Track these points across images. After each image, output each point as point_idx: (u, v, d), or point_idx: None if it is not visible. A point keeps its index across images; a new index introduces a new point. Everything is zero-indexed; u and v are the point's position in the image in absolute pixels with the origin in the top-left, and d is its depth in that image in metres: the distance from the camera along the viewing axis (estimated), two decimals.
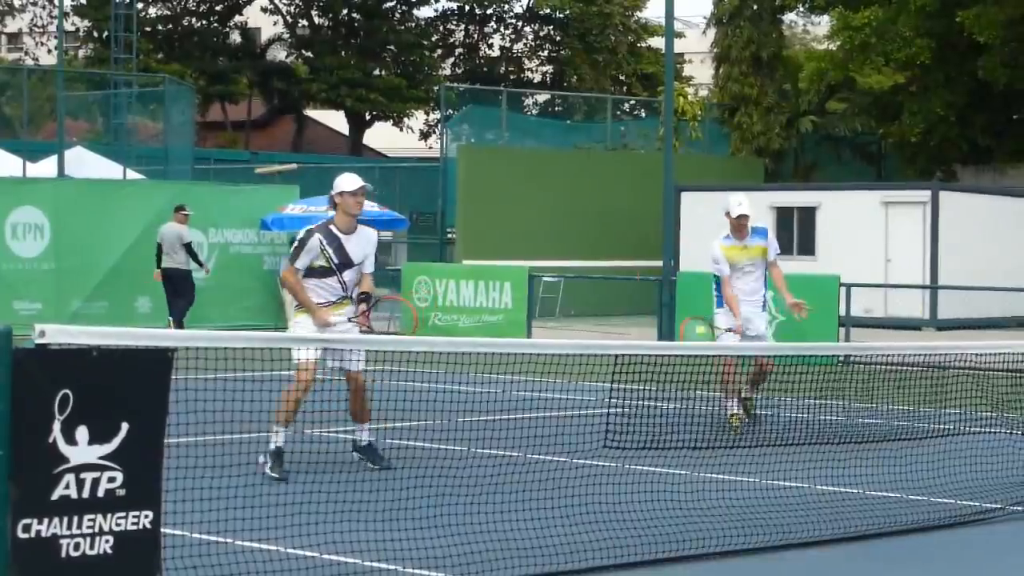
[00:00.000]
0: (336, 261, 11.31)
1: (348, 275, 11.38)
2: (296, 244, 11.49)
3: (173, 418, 6.68)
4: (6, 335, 6.05)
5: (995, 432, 11.93)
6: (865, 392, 13.26)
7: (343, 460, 11.34)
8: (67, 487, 6.19)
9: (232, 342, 8.07)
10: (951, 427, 12.04)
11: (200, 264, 24.56)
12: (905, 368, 12.97)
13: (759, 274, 14.85)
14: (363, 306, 11.45)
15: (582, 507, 9.37)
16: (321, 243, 11.31)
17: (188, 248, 24.19)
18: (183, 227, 24.20)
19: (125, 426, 6.34)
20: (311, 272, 11.34)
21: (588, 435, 9.61)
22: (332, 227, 11.40)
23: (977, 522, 9.99)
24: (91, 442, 6.26)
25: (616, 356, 9.31)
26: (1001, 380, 12.15)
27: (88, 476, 6.25)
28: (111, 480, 6.32)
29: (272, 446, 10.93)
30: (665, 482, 10.04)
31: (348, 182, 11.42)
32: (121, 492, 6.34)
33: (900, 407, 12.54)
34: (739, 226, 14.60)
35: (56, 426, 6.16)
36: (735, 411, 14.11)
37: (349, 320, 11.34)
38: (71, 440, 6.20)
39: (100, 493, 6.27)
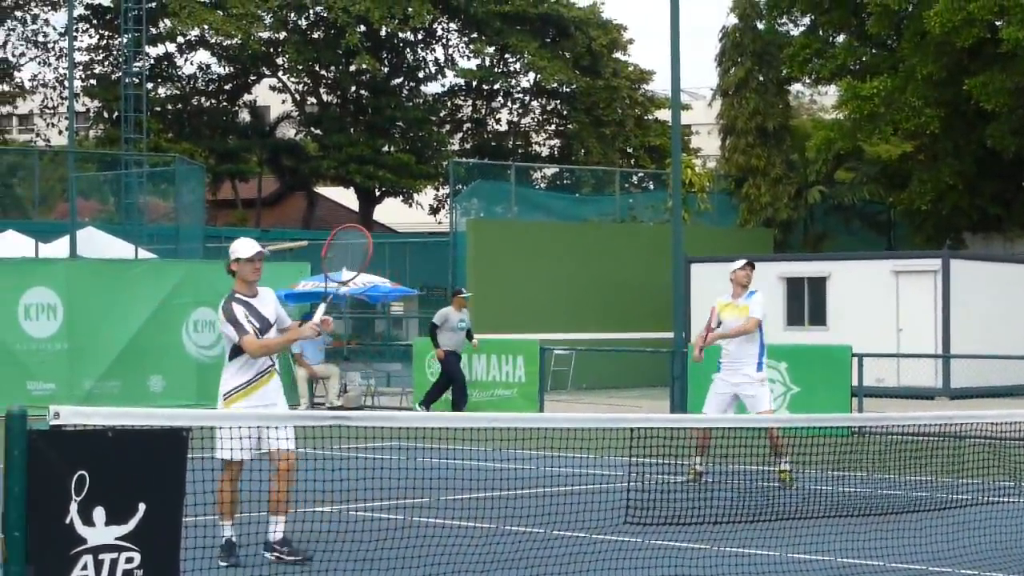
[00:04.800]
0: (257, 326, 10.35)
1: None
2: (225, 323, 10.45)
3: (189, 498, 6.64)
4: (21, 417, 6.03)
5: (1015, 501, 11.83)
6: (881, 463, 13.18)
7: (366, 538, 11.22)
8: (84, 568, 6.15)
9: (245, 421, 8.06)
10: (970, 497, 11.94)
11: (436, 346, 24.66)
12: (919, 438, 12.89)
13: (742, 339, 14.96)
14: (322, 307, 10.52)
15: None
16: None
17: (431, 326, 24.82)
18: (450, 309, 24.71)
19: (142, 506, 6.31)
20: (236, 351, 10.30)
21: (609, 511, 9.53)
22: (237, 295, 10.49)
23: None
24: (108, 523, 6.22)
25: (632, 430, 9.25)
26: (1018, 449, 12.07)
27: (106, 557, 6.21)
28: (128, 560, 6.27)
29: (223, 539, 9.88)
30: (687, 557, 9.94)
31: (244, 248, 10.52)
32: (139, 572, 6.30)
33: (919, 478, 12.44)
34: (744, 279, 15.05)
35: (73, 507, 6.13)
36: (696, 467, 14.28)
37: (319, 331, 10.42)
38: (88, 521, 6.17)
39: (118, 574, 6.23)
